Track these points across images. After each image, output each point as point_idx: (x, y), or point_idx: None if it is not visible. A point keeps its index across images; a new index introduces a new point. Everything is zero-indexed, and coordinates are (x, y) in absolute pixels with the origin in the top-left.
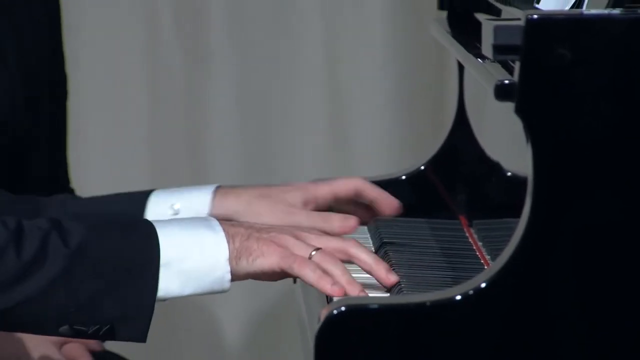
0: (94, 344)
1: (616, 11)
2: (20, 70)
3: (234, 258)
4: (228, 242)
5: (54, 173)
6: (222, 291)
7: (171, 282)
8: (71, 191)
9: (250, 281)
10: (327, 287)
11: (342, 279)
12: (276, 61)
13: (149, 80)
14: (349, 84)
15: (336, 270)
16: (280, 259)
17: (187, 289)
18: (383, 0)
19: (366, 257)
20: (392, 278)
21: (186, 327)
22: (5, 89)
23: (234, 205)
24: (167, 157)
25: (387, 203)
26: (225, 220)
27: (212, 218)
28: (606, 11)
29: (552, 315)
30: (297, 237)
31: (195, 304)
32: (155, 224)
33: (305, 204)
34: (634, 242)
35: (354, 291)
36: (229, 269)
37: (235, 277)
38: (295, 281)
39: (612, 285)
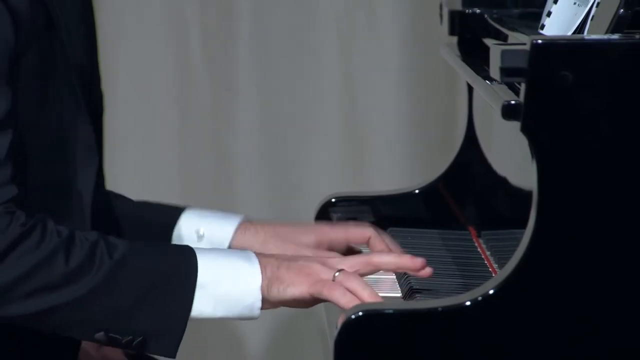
0: None
1: (615, 36)
2: None
3: (265, 287)
4: (262, 272)
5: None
6: (251, 318)
7: (205, 303)
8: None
9: None
10: None
11: (364, 294)
12: (297, 84)
13: (179, 102)
14: (365, 105)
15: (358, 286)
16: (310, 286)
17: (219, 312)
18: (397, 26)
19: (388, 258)
20: (418, 262)
21: (209, 336)
22: None
23: (250, 241)
24: (195, 172)
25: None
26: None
27: (250, 253)
28: (606, 36)
29: (557, 320)
30: (322, 264)
31: None
32: (195, 249)
33: (318, 246)
34: (635, 250)
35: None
36: (260, 297)
37: (267, 304)
38: None
39: (615, 291)
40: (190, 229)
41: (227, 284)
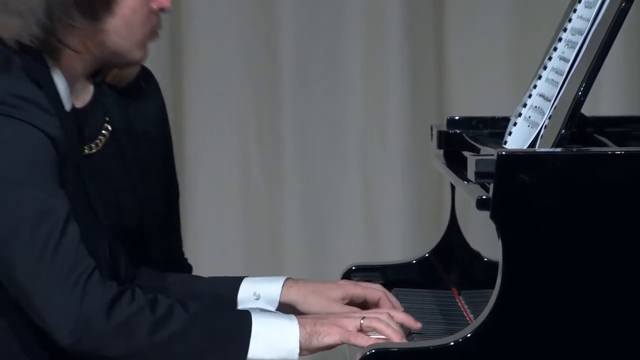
0: None
1: (558, 149)
2: (143, 183)
3: (307, 339)
4: (300, 328)
5: (171, 251)
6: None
7: (257, 348)
8: (186, 262)
9: None
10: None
11: (388, 331)
12: (327, 178)
13: (242, 195)
14: (378, 198)
15: (381, 325)
16: (340, 335)
17: (267, 355)
18: (401, 141)
19: (400, 316)
20: (418, 325)
21: None
22: (133, 201)
23: (295, 296)
24: (256, 244)
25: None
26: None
27: (292, 315)
28: (552, 149)
29: (520, 355)
30: (349, 317)
31: None
32: (250, 311)
33: (344, 298)
34: (574, 305)
35: (397, 338)
36: (298, 344)
37: (309, 351)
38: None
39: (565, 337)
40: (249, 292)
41: (274, 334)
